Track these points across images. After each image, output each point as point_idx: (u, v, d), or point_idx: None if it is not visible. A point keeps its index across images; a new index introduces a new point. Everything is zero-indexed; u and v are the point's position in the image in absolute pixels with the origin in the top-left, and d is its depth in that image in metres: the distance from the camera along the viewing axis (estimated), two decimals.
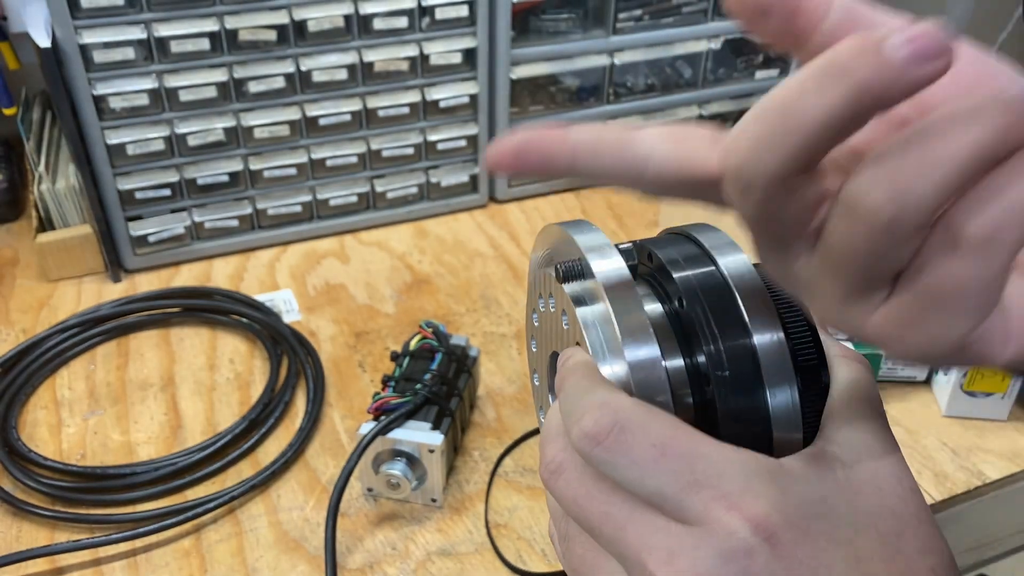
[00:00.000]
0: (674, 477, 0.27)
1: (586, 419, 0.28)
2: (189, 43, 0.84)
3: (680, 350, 0.31)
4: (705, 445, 0.28)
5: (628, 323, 0.30)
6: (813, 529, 0.27)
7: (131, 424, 0.74)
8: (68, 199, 0.89)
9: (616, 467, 0.28)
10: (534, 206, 1.05)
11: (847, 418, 0.31)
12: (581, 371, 0.31)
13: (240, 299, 0.87)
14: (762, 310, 0.31)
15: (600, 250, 0.33)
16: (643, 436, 0.28)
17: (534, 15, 0.96)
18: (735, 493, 0.27)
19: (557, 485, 0.30)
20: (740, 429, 0.30)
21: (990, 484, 0.69)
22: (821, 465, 0.29)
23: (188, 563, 0.63)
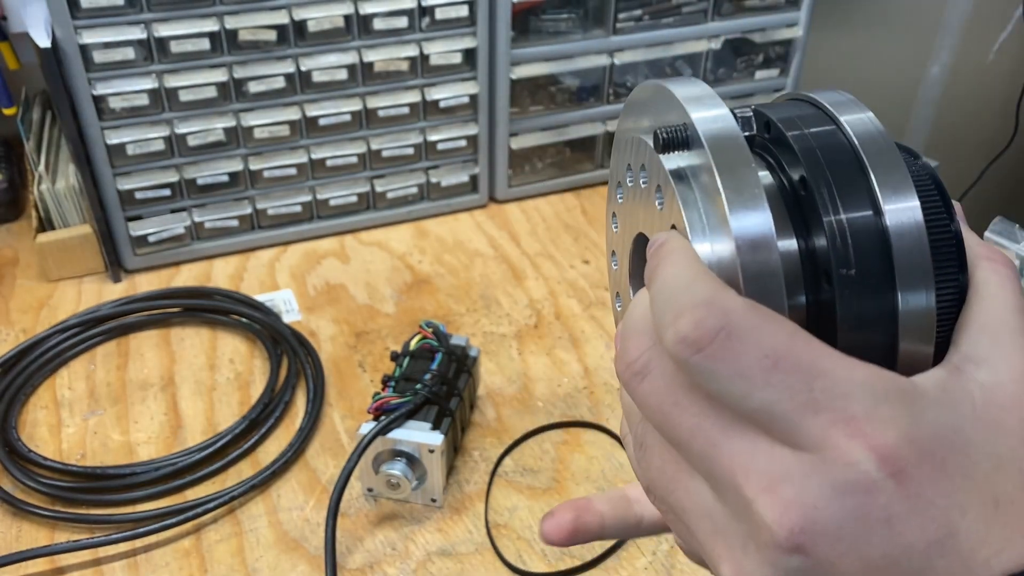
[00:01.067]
0: (789, 394, 0.23)
1: (685, 319, 0.24)
2: (189, 43, 0.84)
3: (795, 232, 0.26)
4: (827, 358, 0.24)
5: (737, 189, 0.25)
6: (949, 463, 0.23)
7: (131, 424, 0.74)
8: (68, 199, 0.89)
9: (719, 378, 0.24)
10: (534, 206, 1.05)
11: (989, 331, 0.26)
12: (680, 258, 0.26)
13: (240, 299, 0.87)
14: (898, 184, 0.25)
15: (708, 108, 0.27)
16: (754, 345, 0.23)
17: (534, 15, 0.96)
18: (860, 417, 0.23)
19: (640, 388, 0.26)
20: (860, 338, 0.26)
21: None
22: (957, 387, 0.25)
23: (188, 563, 0.63)
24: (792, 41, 1.08)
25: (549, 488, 0.69)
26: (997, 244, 0.79)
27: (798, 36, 1.08)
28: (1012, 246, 0.78)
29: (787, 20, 1.07)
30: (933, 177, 0.26)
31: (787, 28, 1.08)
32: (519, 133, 1.02)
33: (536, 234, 0.99)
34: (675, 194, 0.27)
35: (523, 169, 1.04)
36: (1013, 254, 0.78)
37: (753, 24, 1.05)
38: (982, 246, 0.28)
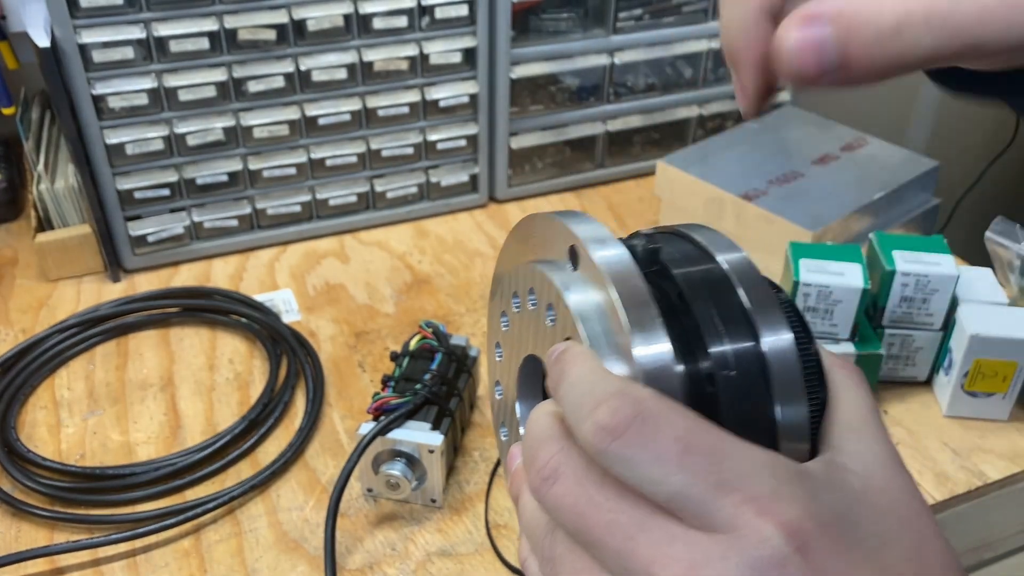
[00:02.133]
0: (700, 476, 0.25)
1: (602, 410, 0.25)
2: (188, 43, 0.84)
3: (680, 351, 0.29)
4: (731, 443, 0.25)
5: (636, 315, 0.27)
6: (843, 539, 0.25)
7: (130, 424, 0.74)
8: (67, 199, 0.89)
9: (635, 464, 0.25)
10: (534, 206, 1.04)
11: (851, 428, 0.29)
12: (585, 360, 0.28)
13: (240, 299, 0.87)
14: (768, 308, 0.29)
15: (601, 240, 0.30)
16: (666, 429, 0.25)
17: (534, 15, 0.96)
18: (767, 496, 0.25)
19: (552, 493, 0.27)
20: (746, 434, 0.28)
21: (991, 484, 0.69)
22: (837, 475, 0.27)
23: (188, 563, 0.63)
24: None
25: None
26: (998, 244, 0.79)
27: None
28: (1012, 246, 0.78)
29: None
30: (795, 308, 0.30)
31: None
32: (519, 133, 1.01)
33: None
34: (568, 309, 0.29)
35: (523, 169, 1.04)
36: (1014, 254, 0.78)
37: None
38: (834, 357, 0.31)
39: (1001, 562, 0.78)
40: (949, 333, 0.74)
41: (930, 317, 0.74)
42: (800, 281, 0.71)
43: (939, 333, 0.75)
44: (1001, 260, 0.80)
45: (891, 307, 0.74)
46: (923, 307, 0.73)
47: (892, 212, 0.92)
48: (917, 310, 0.74)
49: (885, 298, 0.73)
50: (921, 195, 0.95)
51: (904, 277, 0.72)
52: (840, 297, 0.71)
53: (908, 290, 0.73)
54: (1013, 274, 0.79)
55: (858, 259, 0.74)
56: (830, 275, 0.71)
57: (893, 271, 0.72)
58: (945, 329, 0.74)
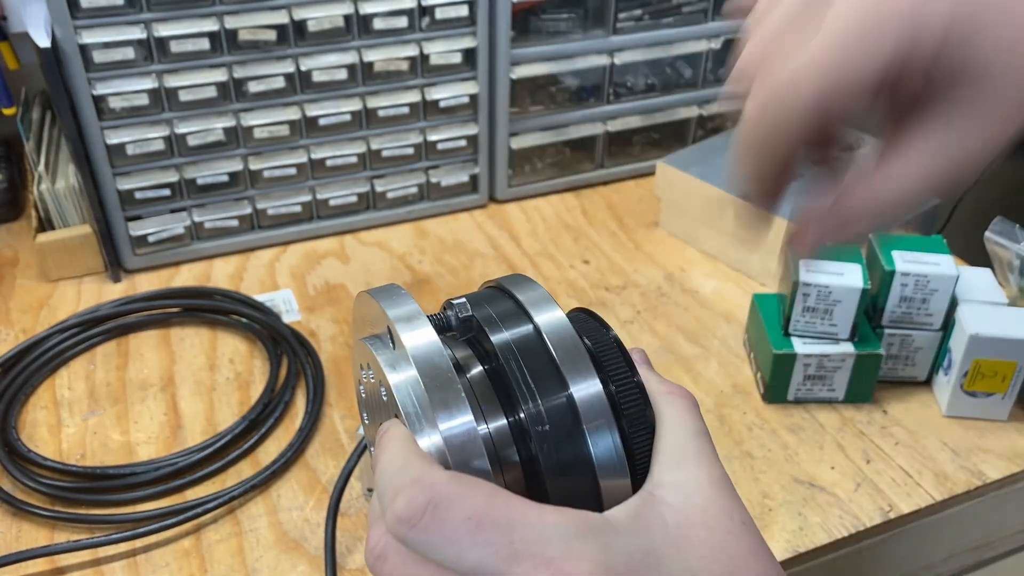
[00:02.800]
0: (493, 549, 0.26)
1: (399, 501, 0.27)
2: (189, 43, 0.84)
3: (503, 410, 0.31)
4: (523, 511, 0.27)
5: (440, 393, 0.30)
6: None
7: (131, 424, 0.74)
8: (68, 199, 0.89)
9: (433, 547, 0.27)
10: (534, 206, 1.05)
11: (673, 457, 0.30)
12: (395, 444, 0.30)
13: (240, 299, 0.87)
14: (577, 361, 0.31)
15: (409, 319, 0.32)
16: (458, 510, 0.27)
17: (534, 15, 0.96)
18: (558, 558, 0.26)
19: (383, 571, 0.29)
20: (567, 481, 0.30)
21: (990, 484, 0.69)
22: (648, 512, 0.29)
23: (188, 563, 0.63)
24: None
25: None
26: (997, 244, 0.79)
27: None
28: (1012, 246, 0.78)
29: None
30: (618, 343, 0.32)
31: None
32: (519, 133, 1.02)
33: (536, 234, 0.99)
34: (392, 388, 0.31)
35: (523, 169, 1.04)
36: (1013, 254, 0.78)
37: None
38: (662, 384, 0.33)
39: (1001, 562, 0.78)
40: (949, 333, 0.74)
41: (930, 317, 0.74)
42: (800, 281, 0.71)
43: (939, 333, 0.75)
44: (1001, 260, 0.80)
45: (891, 307, 0.74)
46: (923, 307, 0.74)
47: None
48: (917, 310, 0.74)
49: (885, 298, 0.73)
50: None
51: (904, 277, 0.72)
52: (840, 297, 0.71)
53: (908, 290, 0.73)
54: (1012, 274, 0.79)
55: (858, 259, 0.74)
56: (830, 275, 0.71)
57: (893, 271, 0.72)
58: (945, 329, 0.74)
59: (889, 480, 0.69)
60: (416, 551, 0.28)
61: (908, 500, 0.68)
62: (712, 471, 0.30)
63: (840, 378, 0.74)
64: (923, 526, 0.69)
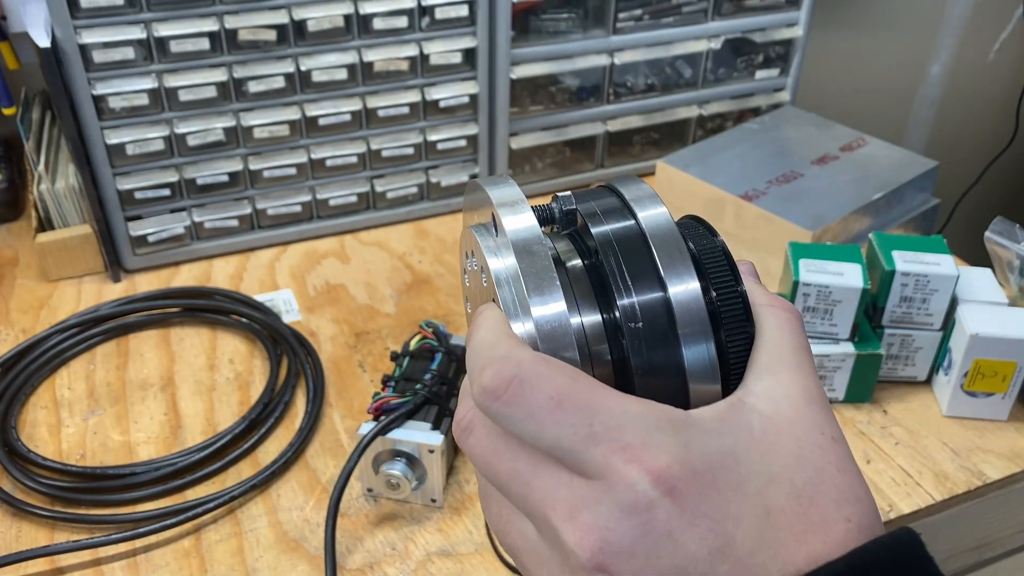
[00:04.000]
0: (572, 429, 0.27)
1: (486, 373, 0.28)
2: (189, 43, 0.84)
3: (598, 305, 0.31)
4: (605, 397, 0.28)
5: (535, 279, 0.30)
6: (719, 481, 0.27)
7: (131, 424, 0.74)
8: (68, 199, 0.89)
9: (514, 421, 0.28)
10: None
11: (769, 367, 0.30)
12: (489, 323, 0.31)
13: (240, 299, 0.87)
14: (676, 261, 0.31)
15: (512, 205, 0.32)
16: (540, 388, 0.27)
17: (534, 15, 0.96)
18: (635, 445, 0.26)
19: (468, 443, 0.30)
20: (656, 382, 0.30)
21: (990, 484, 0.69)
22: (735, 416, 0.29)
23: (188, 563, 0.63)
24: (792, 41, 1.08)
25: None
26: (997, 244, 0.79)
27: (798, 36, 1.08)
28: (1012, 246, 0.78)
29: (787, 20, 1.07)
30: (724, 251, 0.32)
31: (787, 28, 1.08)
32: (519, 133, 1.02)
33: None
34: (491, 273, 0.32)
35: (523, 169, 1.04)
36: (1013, 254, 0.78)
37: (753, 24, 1.05)
38: (767, 296, 0.32)
39: (1001, 562, 0.78)
40: (949, 333, 0.74)
41: (930, 317, 0.74)
42: (800, 281, 0.71)
43: (939, 333, 0.75)
44: (1001, 260, 0.80)
45: (891, 307, 0.74)
46: (923, 307, 0.74)
47: (891, 212, 0.93)
48: (917, 310, 0.74)
49: (885, 298, 0.73)
50: (920, 195, 0.95)
51: (904, 277, 0.72)
52: (840, 297, 0.71)
53: (908, 290, 0.73)
54: (1013, 274, 0.79)
55: (858, 259, 0.74)
56: (830, 275, 0.71)
57: (893, 271, 0.72)
58: (945, 329, 0.74)
59: (889, 480, 0.69)
60: (498, 423, 0.28)
61: (908, 500, 0.68)
62: (807, 384, 0.30)
63: (840, 378, 0.74)
64: (923, 526, 0.69)
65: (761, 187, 0.89)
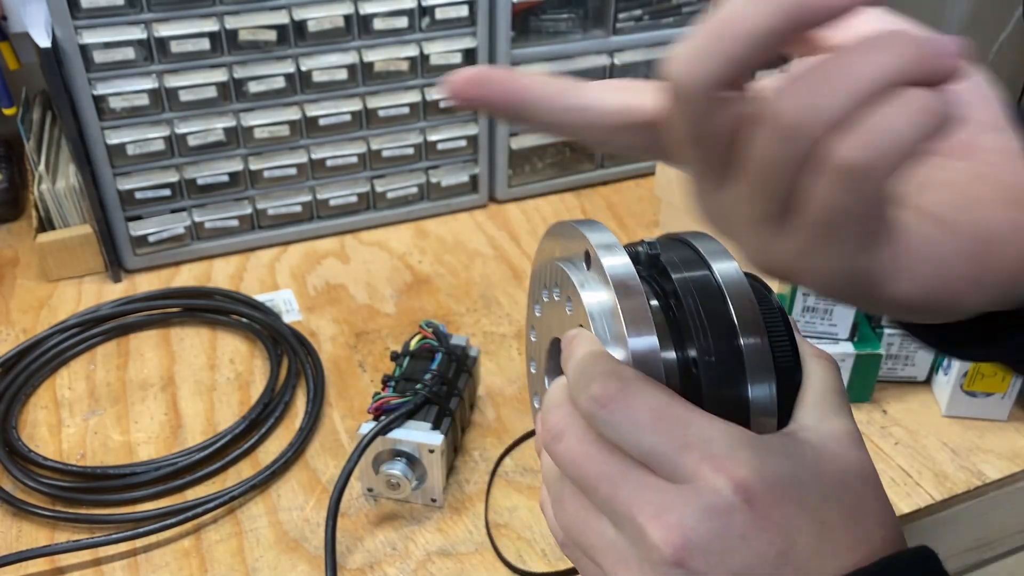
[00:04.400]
0: (668, 438, 0.30)
1: (595, 384, 0.32)
2: (189, 43, 0.84)
3: (673, 343, 0.35)
4: (697, 414, 0.31)
5: (631, 314, 0.33)
6: (787, 495, 0.30)
7: (131, 424, 0.74)
8: (68, 199, 0.89)
9: (618, 427, 0.31)
10: (534, 206, 1.05)
11: (816, 407, 0.35)
12: (589, 344, 0.34)
13: (240, 299, 0.87)
14: (748, 313, 0.35)
15: (609, 247, 0.35)
16: (643, 400, 0.31)
17: (534, 15, 0.96)
18: (721, 456, 0.30)
19: (558, 448, 0.33)
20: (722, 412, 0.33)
21: (990, 484, 0.69)
22: (794, 444, 0.32)
23: (188, 563, 0.63)
24: None
25: None
26: None
27: None
28: None
29: None
30: (780, 310, 0.36)
31: None
32: (519, 133, 1.02)
33: (536, 234, 0.99)
34: (583, 303, 0.35)
35: (523, 169, 1.04)
36: None
37: None
38: (812, 348, 0.37)
39: (1000, 561, 0.78)
40: None
41: None
42: None
43: None
44: None
45: None
46: None
47: None
48: None
49: None
50: None
51: None
52: None
53: None
54: None
55: None
56: None
57: None
58: None
59: (889, 480, 0.69)
60: (600, 430, 0.32)
61: (908, 500, 0.68)
62: (847, 425, 0.34)
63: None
64: (923, 526, 0.69)
65: None
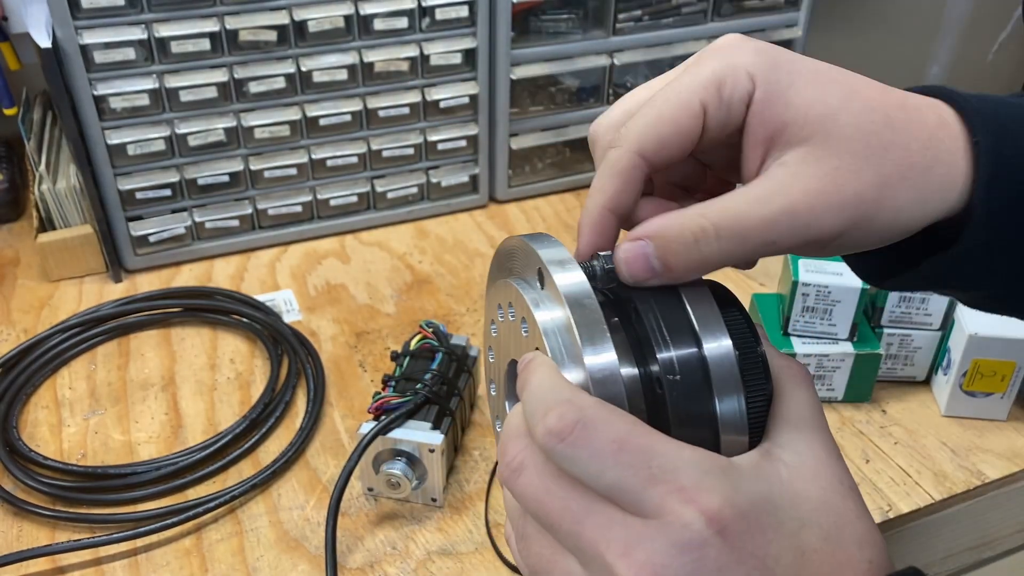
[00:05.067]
0: (632, 471, 0.29)
1: (551, 416, 0.30)
2: (189, 43, 0.84)
3: (634, 358, 0.33)
4: (661, 442, 0.29)
5: (588, 331, 0.32)
6: (762, 522, 0.29)
7: (132, 424, 0.74)
8: (69, 199, 0.89)
9: (577, 461, 0.29)
10: (534, 206, 1.05)
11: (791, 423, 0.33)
12: (544, 370, 0.32)
13: (241, 299, 0.87)
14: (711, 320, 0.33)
15: (561, 263, 0.34)
16: (604, 432, 0.29)
17: (534, 15, 0.96)
18: (690, 487, 0.28)
19: (518, 483, 0.31)
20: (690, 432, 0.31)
21: (989, 484, 0.70)
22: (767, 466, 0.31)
23: (189, 562, 0.63)
24: (792, 41, 1.09)
25: None
26: None
27: (798, 36, 1.08)
28: None
29: (787, 20, 1.07)
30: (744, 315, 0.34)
31: (787, 28, 1.08)
32: (519, 133, 1.02)
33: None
34: (536, 323, 0.34)
35: (523, 169, 1.04)
36: None
37: (753, 24, 1.06)
38: (783, 358, 0.35)
39: (1000, 561, 0.78)
40: (948, 333, 0.74)
41: (928, 317, 0.74)
42: (799, 281, 0.71)
43: (938, 333, 0.75)
44: None
45: (890, 307, 0.74)
46: (922, 307, 0.74)
47: None
48: (916, 310, 0.74)
49: (884, 298, 0.74)
50: None
51: None
52: (839, 297, 0.71)
53: None
54: None
55: None
56: (829, 275, 0.72)
57: None
58: (944, 329, 0.75)
59: (888, 480, 0.69)
60: (559, 464, 0.30)
61: (907, 499, 0.68)
62: (825, 439, 0.33)
63: (839, 378, 0.74)
64: (922, 525, 0.69)
65: None
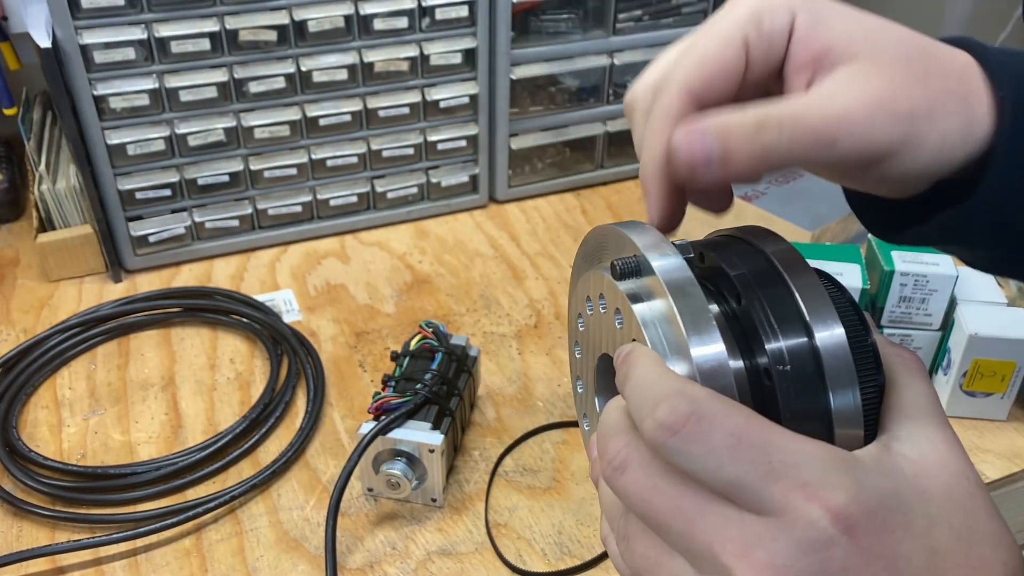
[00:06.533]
0: (752, 466, 0.27)
1: (661, 408, 0.28)
2: (189, 43, 0.84)
3: (739, 351, 0.31)
4: (781, 435, 0.27)
5: (692, 320, 0.29)
6: (891, 521, 0.27)
7: (132, 424, 0.74)
8: (69, 199, 0.89)
9: (692, 457, 0.27)
10: (534, 206, 1.05)
11: (909, 414, 0.31)
12: (647, 361, 0.30)
13: (241, 299, 0.87)
14: (822, 308, 0.30)
15: (657, 247, 0.32)
16: (720, 425, 0.27)
17: (534, 15, 0.96)
18: (814, 483, 0.26)
19: (622, 481, 0.29)
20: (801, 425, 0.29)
21: (990, 484, 0.69)
22: (888, 460, 0.29)
23: (189, 562, 0.63)
24: None
25: (549, 488, 0.69)
26: None
27: None
28: None
29: None
30: (851, 302, 0.32)
31: None
32: (519, 133, 1.02)
33: (536, 234, 1.00)
34: (633, 314, 0.31)
35: (523, 169, 1.04)
36: None
37: None
38: (892, 347, 0.33)
39: None
40: (948, 333, 0.74)
41: (929, 317, 0.74)
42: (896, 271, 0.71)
43: (938, 333, 0.75)
44: None
45: (890, 307, 0.74)
46: (922, 307, 0.74)
47: None
48: (916, 310, 0.74)
49: (884, 298, 0.74)
50: None
51: (903, 277, 0.72)
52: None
53: (907, 290, 0.73)
54: None
55: (857, 259, 0.74)
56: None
57: (892, 271, 0.72)
58: (944, 329, 0.75)
59: None
60: (670, 459, 0.28)
61: None
62: (945, 431, 0.31)
63: None
64: None
65: (760, 187, 0.89)
